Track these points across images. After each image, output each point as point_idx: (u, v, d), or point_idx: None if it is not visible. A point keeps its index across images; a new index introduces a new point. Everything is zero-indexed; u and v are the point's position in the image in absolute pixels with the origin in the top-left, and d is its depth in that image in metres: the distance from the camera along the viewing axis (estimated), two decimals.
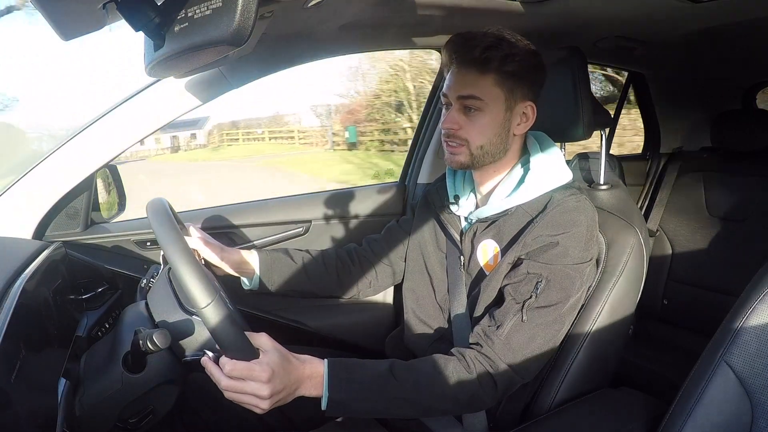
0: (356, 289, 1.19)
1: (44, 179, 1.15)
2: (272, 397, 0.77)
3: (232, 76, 1.17)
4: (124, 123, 1.17)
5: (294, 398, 0.82)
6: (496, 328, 0.89)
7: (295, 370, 0.81)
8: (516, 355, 0.88)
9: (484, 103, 0.92)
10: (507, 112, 0.94)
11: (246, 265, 1.11)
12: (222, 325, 0.73)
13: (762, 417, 0.73)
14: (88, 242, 1.28)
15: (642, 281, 1.05)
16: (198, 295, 0.72)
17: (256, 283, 1.12)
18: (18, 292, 0.80)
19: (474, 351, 0.89)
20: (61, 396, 0.83)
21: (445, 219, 1.08)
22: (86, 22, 0.71)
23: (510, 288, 0.92)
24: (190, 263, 0.74)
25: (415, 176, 1.73)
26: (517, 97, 0.95)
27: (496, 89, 0.92)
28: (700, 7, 1.11)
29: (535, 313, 0.89)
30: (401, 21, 1.18)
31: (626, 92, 2.28)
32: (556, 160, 0.99)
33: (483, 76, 0.92)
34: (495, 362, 0.87)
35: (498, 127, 0.95)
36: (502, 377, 0.87)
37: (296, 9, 0.90)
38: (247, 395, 0.76)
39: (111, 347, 0.87)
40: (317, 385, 0.82)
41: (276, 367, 0.77)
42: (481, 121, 0.93)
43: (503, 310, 0.91)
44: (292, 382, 0.80)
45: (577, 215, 0.92)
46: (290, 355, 0.82)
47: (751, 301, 0.78)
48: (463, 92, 0.93)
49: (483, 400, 0.88)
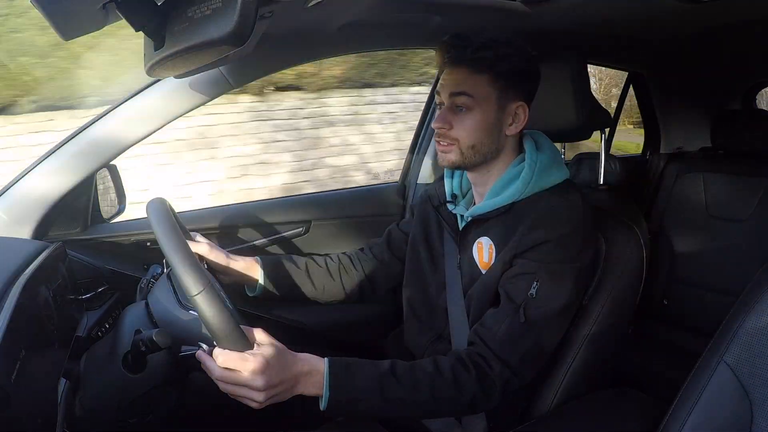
0: (360, 293, 1.19)
1: (44, 179, 1.15)
2: (267, 390, 0.75)
3: (232, 76, 1.17)
4: (124, 123, 1.16)
5: (292, 396, 0.80)
6: (493, 329, 0.89)
7: (292, 365, 0.79)
8: (513, 356, 0.88)
9: (475, 101, 0.93)
10: (498, 112, 0.95)
11: (251, 272, 1.10)
12: (213, 313, 0.72)
13: (762, 417, 0.73)
14: (88, 242, 1.28)
15: (642, 281, 1.05)
16: (190, 283, 0.72)
17: (259, 290, 1.12)
18: (18, 292, 0.80)
19: (472, 352, 0.89)
20: (61, 396, 0.83)
21: (443, 218, 1.08)
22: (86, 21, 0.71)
23: (506, 289, 0.92)
24: (183, 251, 0.75)
25: (414, 176, 1.73)
26: (509, 98, 0.95)
27: (488, 88, 0.93)
28: (700, 7, 1.11)
29: (532, 313, 0.89)
30: (401, 21, 1.18)
31: (626, 92, 2.28)
32: (552, 159, 0.99)
33: (475, 75, 0.92)
34: (493, 364, 0.87)
35: (489, 127, 0.95)
36: (500, 378, 0.87)
37: (296, 9, 0.90)
38: (240, 387, 0.75)
39: (111, 347, 0.87)
40: (317, 383, 0.81)
41: (271, 360, 0.76)
42: (471, 119, 0.94)
43: (500, 311, 0.90)
44: (290, 378, 0.78)
45: (571, 213, 0.92)
46: (288, 351, 0.81)
47: (751, 301, 0.78)
48: (455, 89, 0.93)
49: (482, 402, 0.88)
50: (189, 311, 0.87)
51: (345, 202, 1.65)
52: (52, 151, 1.16)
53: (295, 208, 1.59)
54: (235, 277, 1.09)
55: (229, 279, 1.08)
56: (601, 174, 1.17)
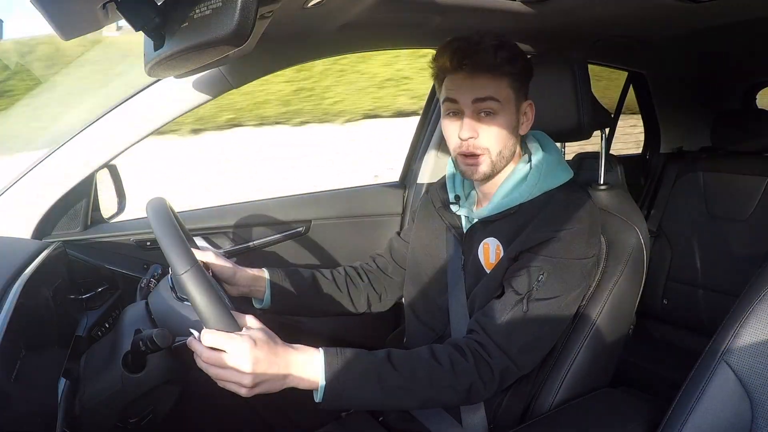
0: (366, 304, 1.19)
1: (44, 179, 1.15)
2: (255, 375, 0.72)
3: (232, 76, 1.17)
4: (124, 123, 1.16)
5: (285, 388, 0.77)
6: (494, 318, 0.88)
7: (283, 353, 0.76)
8: (513, 345, 0.87)
9: (500, 105, 0.92)
10: (516, 113, 0.95)
11: (258, 284, 1.09)
12: (200, 292, 0.71)
13: (762, 417, 0.73)
14: (88, 242, 1.27)
15: (642, 281, 1.05)
16: (177, 262, 0.72)
17: (267, 302, 1.09)
18: (18, 292, 0.80)
19: (470, 340, 0.88)
20: (61, 396, 0.83)
21: (446, 219, 1.08)
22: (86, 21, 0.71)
23: (510, 281, 0.91)
24: (172, 230, 0.75)
25: (415, 176, 1.72)
26: (521, 97, 0.95)
27: (508, 90, 0.92)
28: (700, 7, 1.11)
29: (536, 304, 0.88)
30: (401, 21, 1.18)
31: (626, 92, 2.28)
32: (557, 158, 0.99)
33: (497, 78, 0.91)
34: (492, 351, 0.86)
35: (512, 130, 0.94)
36: (498, 366, 0.86)
37: (296, 9, 0.90)
38: (227, 370, 0.72)
39: (111, 347, 0.87)
40: (311, 373, 0.78)
41: (260, 343, 0.73)
42: (497, 124, 0.92)
43: (503, 301, 0.90)
44: (281, 366, 0.75)
45: (579, 212, 0.92)
46: (278, 338, 0.78)
47: (751, 301, 0.78)
48: (480, 95, 0.91)
49: (481, 390, 0.86)
50: (184, 302, 0.87)
51: (345, 201, 1.65)
52: (53, 151, 1.16)
53: (295, 208, 1.59)
54: (242, 288, 1.07)
55: (237, 290, 1.07)
56: (601, 174, 1.17)
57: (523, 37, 1.23)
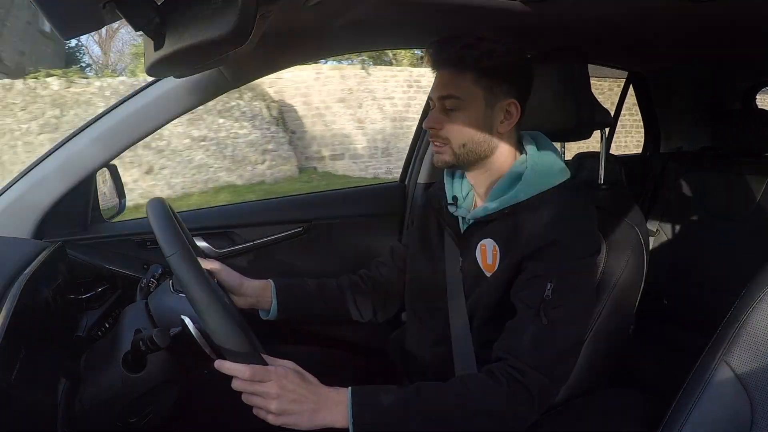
0: (372, 311, 1.19)
1: (44, 179, 1.15)
2: (281, 398, 0.76)
3: (232, 76, 1.17)
4: (124, 123, 1.16)
5: (312, 425, 0.78)
6: (517, 338, 0.87)
7: (314, 386, 0.80)
8: (544, 360, 0.85)
9: (462, 102, 0.93)
10: (487, 110, 0.94)
11: (265, 294, 1.09)
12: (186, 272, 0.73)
13: (762, 416, 0.73)
14: (88, 242, 1.27)
15: (642, 281, 1.05)
16: (165, 246, 0.73)
17: (274, 313, 1.10)
18: (18, 292, 0.80)
19: (500, 364, 0.86)
20: (61, 396, 0.83)
21: (444, 221, 1.08)
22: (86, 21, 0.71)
23: (521, 296, 0.90)
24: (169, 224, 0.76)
25: (415, 176, 1.72)
26: (497, 95, 0.94)
27: (474, 87, 0.93)
28: (700, 7, 1.11)
29: (552, 314, 0.86)
30: (401, 20, 1.18)
31: (626, 92, 2.28)
32: (553, 158, 0.98)
33: (460, 75, 0.92)
34: (524, 371, 0.84)
35: (479, 126, 0.95)
36: (534, 385, 0.84)
37: (296, 8, 0.90)
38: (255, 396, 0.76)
39: (111, 347, 0.87)
40: (342, 411, 0.79)
41: (292, 375, 0.78)
42: (460, 119, 0.94)
43: (519, 318, 0.89)
44: (311, 397, 0.78)
45: (576, 212, 0.92)
46: (312, 377, 0.82)
47: (751, 301, 0.78)
48: (443, 92, 0.94)
49: (519, 413, 0.85)
50: (179, 294, 0.87)
51: (345, 201, 1.65)
52: (53, 150, 1.16)
53: (295, 208, 1.59)
54: (249, 299, 1.07)
55: (244, 301, 1.07)
56: (601, 174, 1.17)
57: (523, 36, 1.23)
